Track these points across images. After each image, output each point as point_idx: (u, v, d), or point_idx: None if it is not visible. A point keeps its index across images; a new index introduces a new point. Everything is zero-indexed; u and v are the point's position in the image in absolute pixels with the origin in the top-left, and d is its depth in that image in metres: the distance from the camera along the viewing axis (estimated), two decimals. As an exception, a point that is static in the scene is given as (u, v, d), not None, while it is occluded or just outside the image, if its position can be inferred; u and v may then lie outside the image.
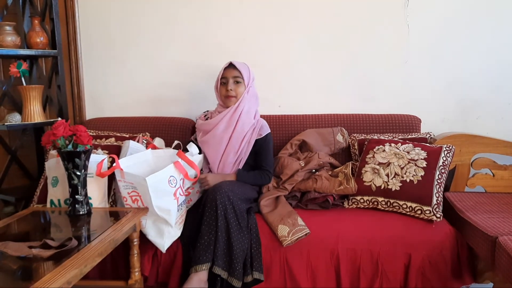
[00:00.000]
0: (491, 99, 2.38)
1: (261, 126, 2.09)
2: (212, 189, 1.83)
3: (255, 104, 2.13)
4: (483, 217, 1.76)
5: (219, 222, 1.74)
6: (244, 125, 2.05)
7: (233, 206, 1.78)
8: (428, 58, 2.39)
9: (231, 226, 1.75)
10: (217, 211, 1.75)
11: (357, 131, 2.32)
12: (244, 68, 2.08)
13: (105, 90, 2.65)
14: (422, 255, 1.76)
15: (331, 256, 1.78)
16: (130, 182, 1.72)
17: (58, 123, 1.64)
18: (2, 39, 2.15)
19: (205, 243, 1.74)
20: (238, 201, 1.81)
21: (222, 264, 1.72)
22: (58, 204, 1.83)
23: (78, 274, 1.20)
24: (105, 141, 2.23)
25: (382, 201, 1.94)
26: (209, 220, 1.77)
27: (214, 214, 1.76)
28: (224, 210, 1.75)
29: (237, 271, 1.72)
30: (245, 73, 2.07)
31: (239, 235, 1.76)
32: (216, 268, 1.71)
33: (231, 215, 1.76)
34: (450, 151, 2.00)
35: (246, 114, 2.06)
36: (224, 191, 1.78)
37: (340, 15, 2.41)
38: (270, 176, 2.08)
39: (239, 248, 1.74)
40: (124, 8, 2.55)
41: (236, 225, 1.76)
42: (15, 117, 2.22)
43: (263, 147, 2.08)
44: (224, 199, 1.76)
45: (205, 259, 1.72)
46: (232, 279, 1.72)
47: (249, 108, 2.07)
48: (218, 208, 1.75)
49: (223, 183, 1.87)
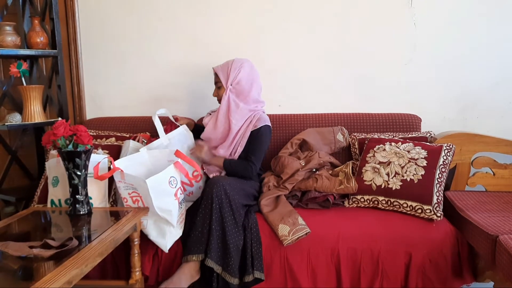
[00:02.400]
0: (491, 98, 2.38)
1: (258, 118, 2.09)
2: (209, 182, 1.84)
3: (249, 99, 2.08)
4: (483, 216, 1.76)
5: (214, 215, 1.75)
6: (234, 124, 2.04)
7: (230, 200, 1.78)
8: (429, 57, 2.39)
9: (225, 221, 1.76)
10: (212, 204, 1.76)
11: (357, 130, 2.32)
12: (222, 71, 2.08)
13: (106, 90, 2.65)
14: (422, 254, 1.76)
15: (331, 255, 1.78)
16: (130, 183, 1.72)
17: (58, 123, 1.64)
18: (2, 39, 2.15)
19: (198, 234, 1.76)
20: (235, 195, 1.81)
21: (215, 257, 1.73)
22: (58, 204, 1.83)
23: (79, 274, 1.20)
24: (106, 141, 2.23)
25: (382, 200, 1.94)
26: (204, 212, 1.78)
27: (209, 207, 1.77)
28: (219, 204, 1.76)
29: (230, 267, 1.72)
30: (221, 76, 2.07)
31: (234, 229, 1.76)
32: (209, 261, 1.72)
33: (227, 209, 1.77)
34: (451, 150, 2.00)
35: (235, 112, 2.05)
36: (221, 185, 1.79)
37: (341, 14, 2.41)
38: (254, 169, 2.04)
39: (233, 243, 1.74)
40: (124, 8, 2.55)
41: (231, 219, 1.77)
42: (16, 117, 2.23)
43: (254, 138, 2.06)
44: (220, 193, 1.77)
45: (197, 250, 1.74)
46: (225, 274, 1.73)
47: (236, 107, 2.05)
48: (214, 201, 1.76)
49: (221, 177, 1.88)
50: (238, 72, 2.05)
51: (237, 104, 2.06)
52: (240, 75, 2.05)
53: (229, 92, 2.06)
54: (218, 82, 2.10)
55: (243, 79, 2.06)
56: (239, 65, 2.07)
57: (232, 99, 2.06)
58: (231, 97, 2.06)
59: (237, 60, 2.09)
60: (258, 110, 2.12)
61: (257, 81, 2.12)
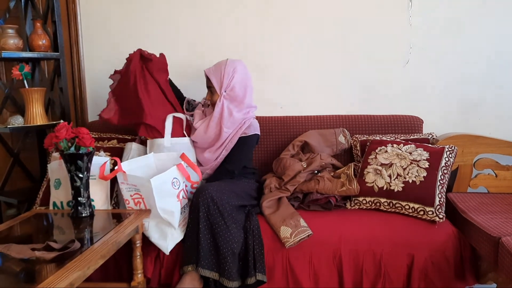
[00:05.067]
0: (494, 99, 2.38)
1: (248, 125, 2.08)
2: (196, 191, 1.84)
3: (242, 106, 2.07)
4: (486, 217, 1.75)
5: (201, 224, 1.75)
6: (226, 132, 2.03)
7: (218, 206, 1.76)
8: (430, 58, 2.39)
9: (215, 227, 1.75)
10: (198, 213, 1.75)
11: (359, 132, 2.31)
12: (215, 75, 2.06)
13: (107, 92, 2.65)
14: (425, 256, 1.76)
15: (333, 257, 1.78)
16: (133, 185, 1.72)
17: (60, 125, 1.65)
18: (4, 42, 2.16)
19: (190, 245, 1.77)
20: (225, 199, 1.80)
21: (207, 265, 1.73)
22: (60, 206, 1.84)
23: (81, 276, 1.20)
24: (108, 143, 2.23)
25: (384, 202, 1.93)
26: (192, 222, 1.78)
27: (196, 216, 1.77)
28: (206, 212, 1.75)
29: (227, 271, 1.72)
30: (214, 81, 2.05)
31: (225, 234, 1.75)
32: (200, 270, 1.72)
33: (216, 215, 1.76)
34: (453, 152, 1.99)
35: (227, 120, 2.03)
36: (208, 192, 1.77)
37: (342, 16, 2.41)
38: (234, 169, 2.04)
39: (226, 248, 1.74)
40: (126, 11, 2.55)
41: (222, 224, 1.76)
42: (18, 120, 2.23)
43: (241, 145, 2.05)
44: (207, 201, 1.76)
45: (191, 261, 1.75)
46: (223, 279, 1.73)
47: (229, 114, 2.03)
48: (200, 210, 1.75)
49: (208, 184, 1.87)
50: (231, 78, 2.03)
51: (230, 111, 2.04)
52: (234, 81, 2.04)
53: (223, 99, 2.05)
54: (211, 87, 2.08)
55: (237, 84, 2.04)
56: (232, 70, 2.04)
57: (226, 105, 2.04)
58: (225, 103, 2.05)
59: (229, 64, 2.06)
60: (250, 117, 2.11)
61: (250, 85, 2.11)
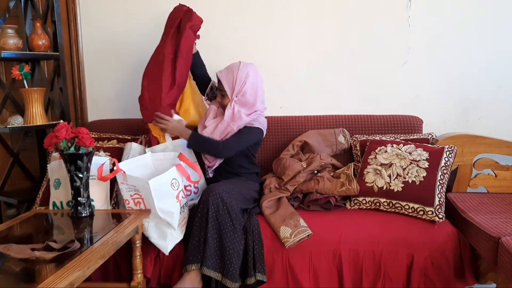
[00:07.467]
0: (493, 99, 2.38)
1: (254, 119, 2.07)
2: (206, 190, 1.83)
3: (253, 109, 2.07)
4: (485, 217, 1.76)
5: (209, 224, 1.75)
6: (233, 129, 2.03)
7: (227, 207, 1.77)
8: (430, 58, 2.39)
9: (223, 227, 1.75)
10: (208, 213, 1.75)
11: (359, 132, 2.31)
12: (227, 80, 2.05)
13: (107, 92, 2.65)
14: (424, 256, 1.76)
15: (333, 257, 1.78)
16: (133, 185, 1.73)
17: (60, 125, 1.65)
18: (4, 42, 2.16)
19: (196, 243, 1.76)
20: (233, 201, 1.80)
21: (212, 265, 1.73)
22: (60, 206, 1.84)
23: (81, 276, 1.20)
24: (107, 143, 2.23)
25: (384, 202, 1.93)
26: (200, 221, 1.77)
27: (205, 216, 1.76)
28: (215, 211, 1.75)
29: (230, 273, 1.72)
30: (226, 86, 2.05)
31: (233, 236, 1.76)
32: (205, 269, 1.72)
33: (224, 216, 1.76)
34: (452, 152, 2.00)
35: (237, 121, 2.03)
36: (218, 192, 1.78)
37: (342, 16, 2.41)
38: (224, 149, 2.00)
39: (232, 249, 1.74)
40: (126, 11, 2.55)
41: (230, 225, 1.76)
42: (18, 120, 2.23)
43: (242, 129, 2.04)
44: (217, 200, 1.76)
45: (195, 260, 1.74)
46: (226, 280, 1.72)
47: (239, 117, 2.03)
48: (210, 209, 1.75)
49: (217, 184, 1.86)
50: (244, 83, 2.03)
51: (240, 114, 2.03)
52: (246, 87, 2.03)
53: (234, 104, 2.04)
54: (222, 90, 2.07)
55: (248, 89, 2.04)
56: (244, 75, 2.03)
57: (236, 110, 2.04)
58: (236, 107, 2.04)
59: (242, 68, 2.04)
60: (258, 115, 2.11)
61: (261, 88, 2.11)
